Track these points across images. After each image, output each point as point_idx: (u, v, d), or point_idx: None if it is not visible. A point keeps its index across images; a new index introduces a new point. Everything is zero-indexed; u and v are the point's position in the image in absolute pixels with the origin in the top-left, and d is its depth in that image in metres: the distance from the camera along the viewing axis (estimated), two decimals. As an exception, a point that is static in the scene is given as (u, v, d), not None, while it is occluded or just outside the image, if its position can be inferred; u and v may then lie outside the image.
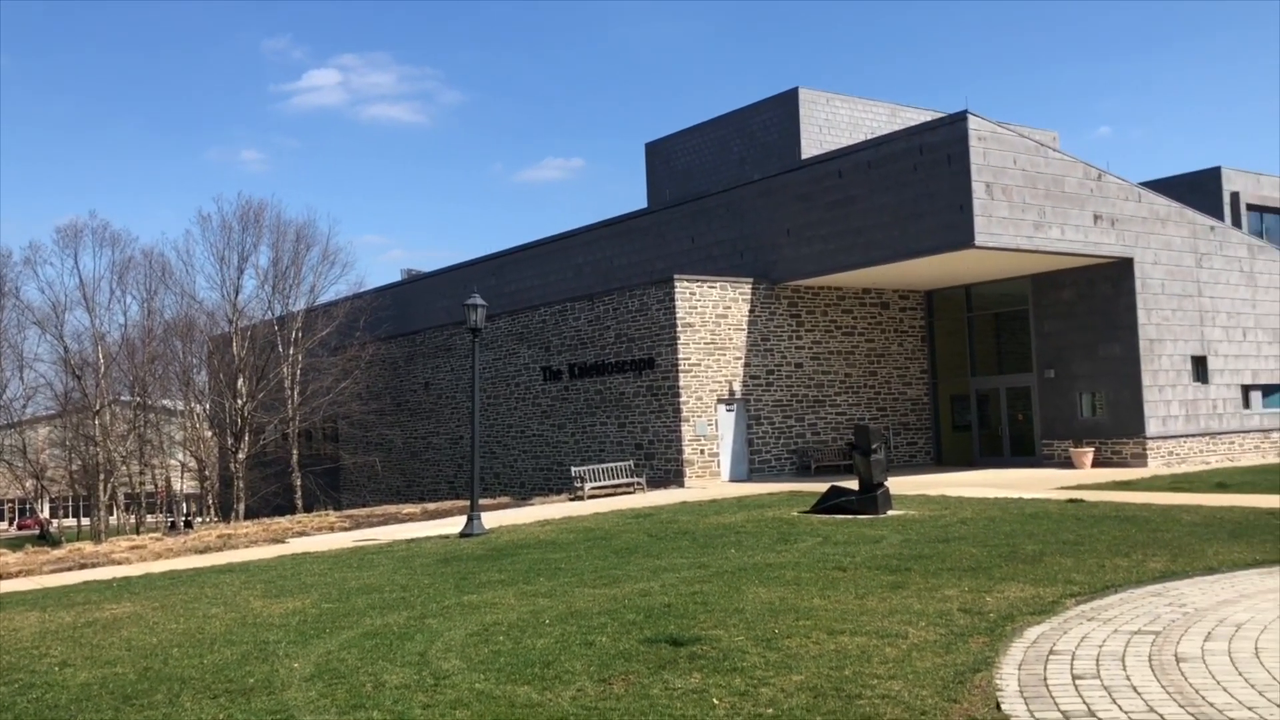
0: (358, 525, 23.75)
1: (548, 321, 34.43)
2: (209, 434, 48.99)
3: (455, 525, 20.62)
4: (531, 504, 26.86)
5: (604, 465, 28.31)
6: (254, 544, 20.40)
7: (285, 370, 43.27)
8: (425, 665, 8.53)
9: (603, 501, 24.91)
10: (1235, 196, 39.09)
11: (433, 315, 45.15)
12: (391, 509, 28.80)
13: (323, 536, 21.38)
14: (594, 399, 32.32)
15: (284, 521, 26.20)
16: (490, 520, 21.11)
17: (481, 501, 25.65)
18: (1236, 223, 37.68)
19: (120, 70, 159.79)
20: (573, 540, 17.01)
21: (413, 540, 19.00)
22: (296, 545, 19.64)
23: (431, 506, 28.92)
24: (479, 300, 20.03)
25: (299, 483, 43.31)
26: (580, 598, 11.33)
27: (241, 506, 41.57)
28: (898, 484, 24.49)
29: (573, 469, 27.87)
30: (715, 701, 7.00)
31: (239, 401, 42.98)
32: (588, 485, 26.75)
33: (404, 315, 48.09)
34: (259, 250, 46.34)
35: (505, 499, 30.19)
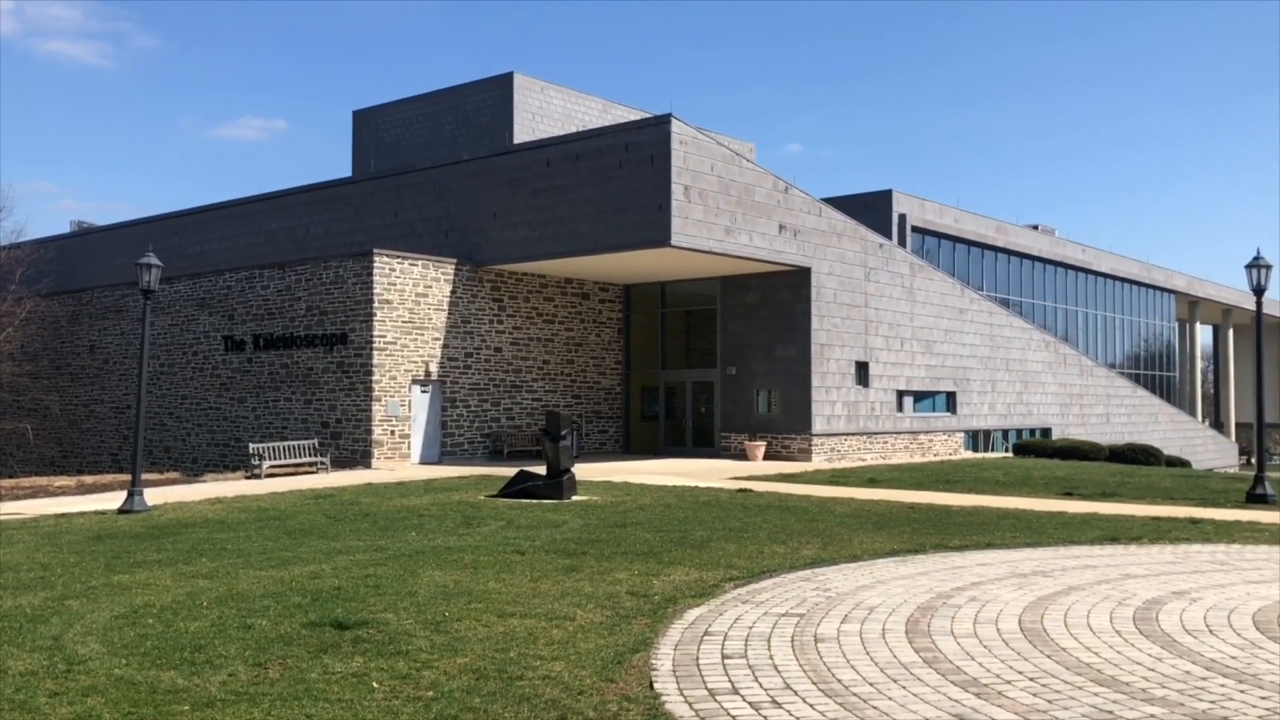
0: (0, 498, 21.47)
1: (233, 288, 32.55)
2: None
3: (115, 501, 19.08)
4: (204, 481, 25.33)
5: (286, 443, 27.13)
6: None
7: (-79, 322, 38.39)
8: (59, 650, 7.84)
9: (282, 481, 23.89)
10: (903, 218, 42.90)
11: (104, 273, 41.54)
12: (42, 481, 26.25)
13: (-46, 510, 19.13)
14: (279, 373, 30.89)
15: (-93, 492, 23.24)
16: (155, 497, 19.71)
17: (148, 477, 23.92)
18: (902, 242, 41.37)
19: None
20: (244, 520, 16.19)
21: (63, 515, 17.41)
22: (-81, 519, 17.47)
23: (89, 480, 26.62)
24: (154, 260, 18.61)
25: (-68, 449, 38.61)
26: (244, 579, 10.80)
27: None
28: (586, 470, 25.09)
29: (251, 446, 26.52)
30: (375, 685, 6.87)
31: None
32: (266, 463, 25.55)
33: (71, 271, 43.94)
34: (-105, 186, 40.76)
35: (175, 475, 28.27)
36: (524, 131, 43.07)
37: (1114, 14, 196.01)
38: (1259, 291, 21.53)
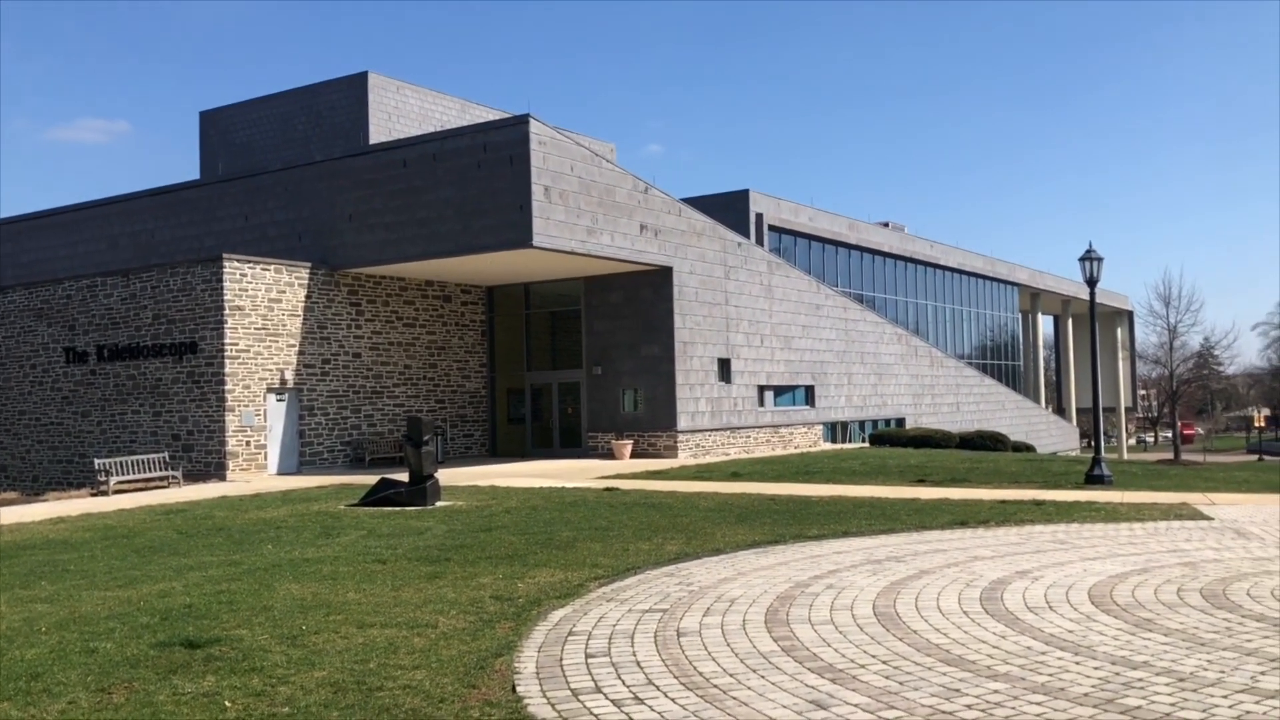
0: None
1: (74, 297, 31.01)
2: None
3: (-57, 525, 17.94)
4: (45, 500, 24.04)
5: (135, 457, 26.01)
6: None
7: None
8: (-122, 688, 7.32)
9: (131, 497, 22.90)
10: (760, 217, 43.74)
11: (-71, 283, 39.03)
12: None
13: None
14: (126, 385, 29.58)
15: None
16: (-11, 519, 18.61)
17: (-19, 497, 22.59)
18: (760, 241, 42.17)
19: None
20: (89, 539, 15.45)
21: (-116, 543, 16.27)
22: None
23: (-84, 504, 24.96)
24: (-18, 269, 17.57)
25: None
26: (88, 601, 10.31)
27: None
28: (451, 475, 24.82)
29: (96, 461, 25.33)
30: (227, 704, 6.65)
31: None
32: (114, 479, 24.45)
33: (-110, 281, 41.11)
34: None
35: (12, 495, 26.76)
36: (380, 132, 42.27)
37: (954, 19, 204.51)
38: (1092, 283, 22.73)
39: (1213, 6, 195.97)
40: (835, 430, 41.12)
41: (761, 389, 36.08)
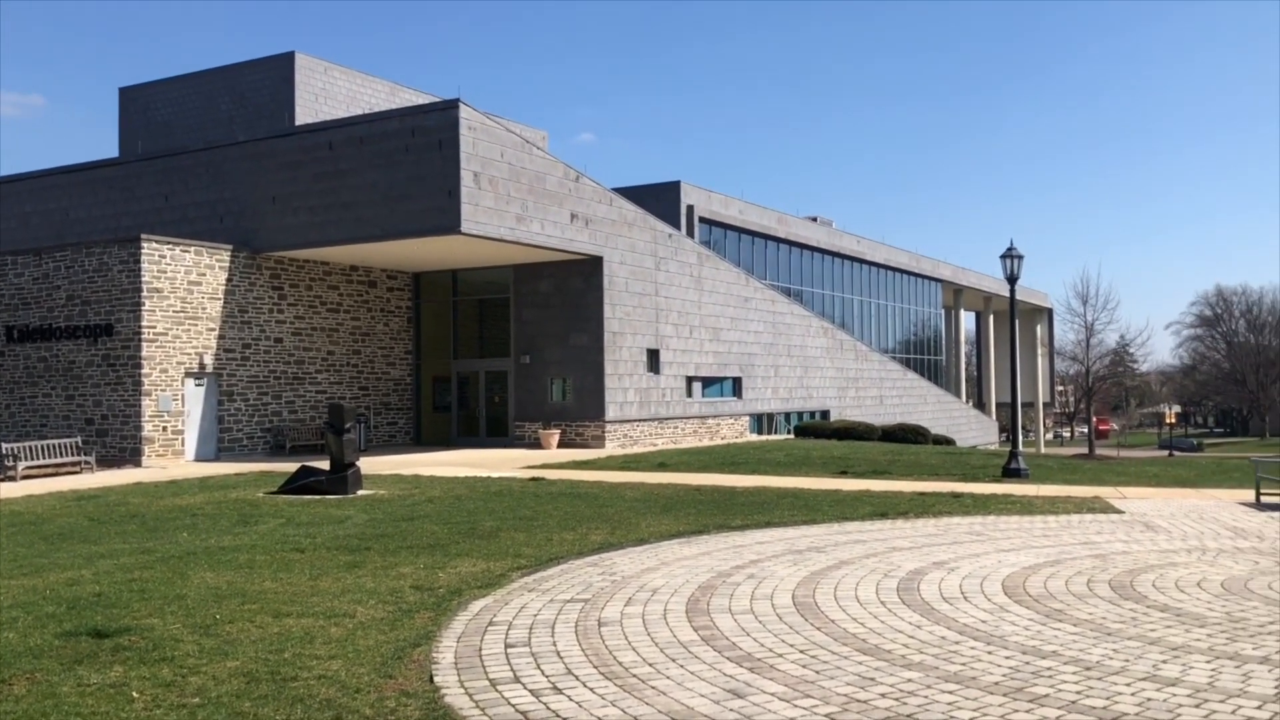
0: None
1: (-18, 276, 29.97)
2: None
3: None
4: (-51, 485, 23.24)
5: (45, 442, 25.25)
6: None
7: None
8: None
9: (41, 483, 22.24)
10: (691, 209, 43.84)
11: None
12: None
13: None
14: (37, 367, 28.69)
15: None
16: (-112, 504, 17.92)
17: (-120, 482, 21.74)
18: (690, 232, 42.28)
19: None
20: (-7, 526, 14.96)
21: None
22: None
23: None
24: (-117, 244, 16.89)
25: None
26: (-9, 590, 9.98)
27: None
28: (374, 463, 24.53)
29: (3, 445, 24.54)
30: (135, 695, 6.48)
31: None
32: (22, 464, 23.71)
33: None
34: None
35: (-85, 479, 25.82)
36: (306, 113, 41.54)
37: (884, 15, 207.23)
38: (1012, 280, 23.21)
39: (1142, 6, 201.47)
40: (761, 422, 41.46)
41: (690, 380, 36.23)
